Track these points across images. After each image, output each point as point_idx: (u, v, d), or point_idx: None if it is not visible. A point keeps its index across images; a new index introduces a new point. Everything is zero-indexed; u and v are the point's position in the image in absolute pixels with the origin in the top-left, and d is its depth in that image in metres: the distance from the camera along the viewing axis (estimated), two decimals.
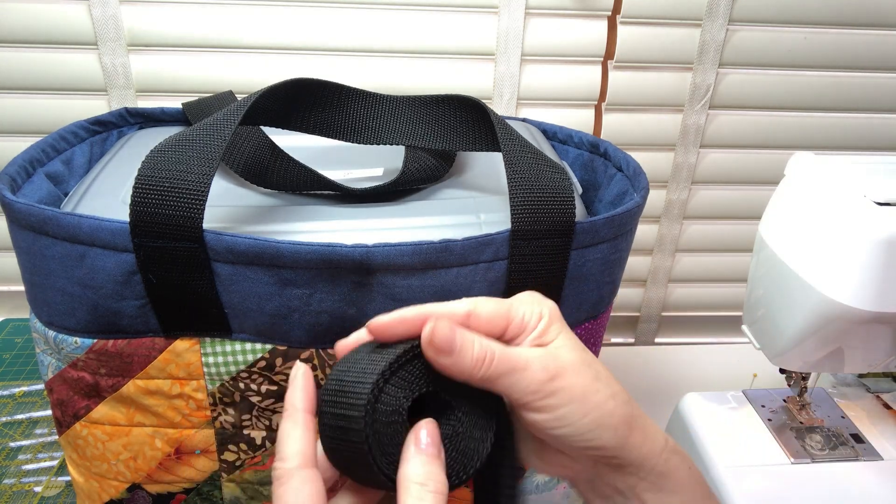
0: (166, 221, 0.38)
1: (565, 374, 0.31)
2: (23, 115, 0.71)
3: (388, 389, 0.30)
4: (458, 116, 0.50)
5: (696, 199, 0.80)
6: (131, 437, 0.46)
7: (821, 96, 0.76)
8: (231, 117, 0.42)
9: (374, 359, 0.31)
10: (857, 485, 0.53)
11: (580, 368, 0.32)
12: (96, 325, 0.42)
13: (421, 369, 0.31)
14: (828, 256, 0.46)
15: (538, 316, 0.33)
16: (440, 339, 0.30)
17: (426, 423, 0.30)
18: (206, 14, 0.67)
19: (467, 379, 0.30)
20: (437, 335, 0.30)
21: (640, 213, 0.47)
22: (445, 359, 0.30)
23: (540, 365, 0.31)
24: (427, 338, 0.30)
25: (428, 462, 0.29)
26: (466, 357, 0.30)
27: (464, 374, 0.30)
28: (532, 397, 0.30)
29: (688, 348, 0.86)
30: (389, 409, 0.30)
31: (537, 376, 0.31)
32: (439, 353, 0.30)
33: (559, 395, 0.31)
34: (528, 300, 0.34)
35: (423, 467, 0.29)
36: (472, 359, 0.30)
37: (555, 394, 0.31)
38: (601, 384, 0.32)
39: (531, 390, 0.30)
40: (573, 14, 0.70)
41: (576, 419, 0.31)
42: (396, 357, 0.30)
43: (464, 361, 0.30)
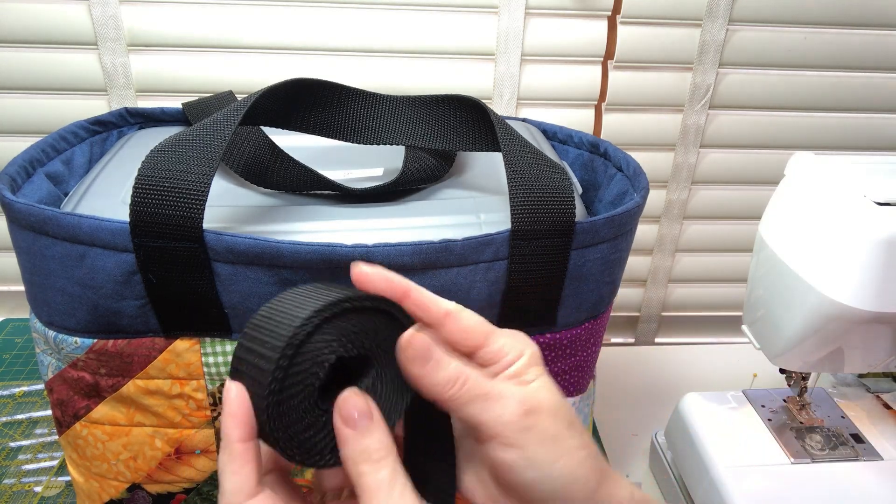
0: (166, 221, 0.38)
1: (541, 412, 0.30)
2: (23, 115, 0.71)
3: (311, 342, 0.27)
4: (458, 116, 0.50)
5: (696, 199, 0.80)
6: (131, 437, 0.46)
7: (821, 96, 0.76)
8: (231, 117, 0.42)
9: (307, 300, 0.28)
10: (857, 485, 0.53)
11: (557, 411, 0.30)
12: (96, 325, 0.42)
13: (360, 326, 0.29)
14: (828, 256, 0.46)
15: (518, 353, 0.31)
16: (418, 345, 0.29)
17: (348, 396, 0.28)
18: (206, 14, 0.67)
19: (434, 398, 0.29)
20: (416, 341, 0.29)
21: (640, 213, 0.47)
22: (417, 368, 0.29)
23: (516, 399, 0.29)
24: (405, 341, 0.29)
25: (363, 434, 0.27)
26: (439, 373, 0.29)
27: (433, 389, 0.29)
28: (504, 429, 0.29)
29: (688, 348, 0.86)
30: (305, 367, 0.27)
31: (512, 408, 0.29)
32: (412, 360, 0.29)
33: (532, 433, 0.29)
34: (512, 335, 0.32)
35: (361, 442, 0.27)
36: (444, 376, 0.29)
37: (528, 430, 0.29)
38: (575, 432, 0.30)
39: (503, 420, 0.29)
40: (573, 14, 0.70)
41: (546, 462, 0.29)
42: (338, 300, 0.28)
43: (435, 376, 0.29)
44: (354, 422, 0.28)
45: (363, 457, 0.27)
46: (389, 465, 0.27)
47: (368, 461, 0.27)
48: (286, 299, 0.29)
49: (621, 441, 0.68)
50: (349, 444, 0.28)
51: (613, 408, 0.72)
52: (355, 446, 0.27)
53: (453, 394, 0.29)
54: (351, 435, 0.27)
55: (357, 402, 0.28)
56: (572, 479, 0.30)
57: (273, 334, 0.27)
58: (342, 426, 0.28)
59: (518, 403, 0.29)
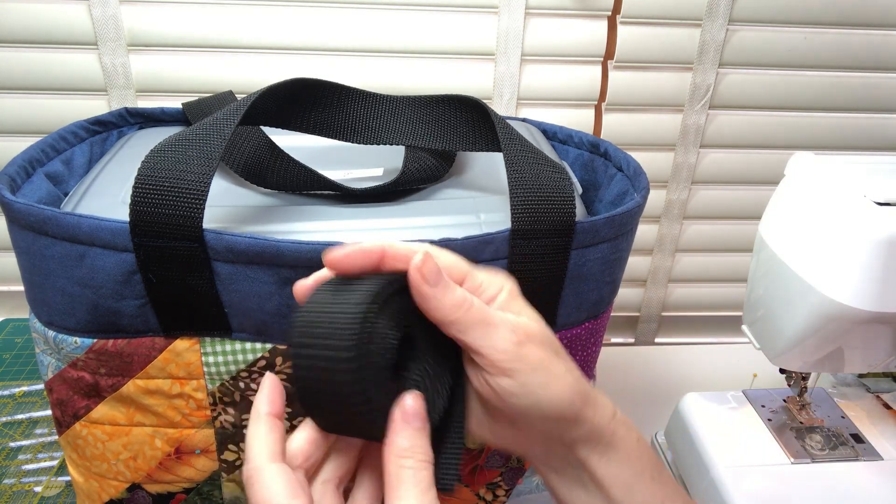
0: (166, 221, 0.38)
1: (532, 341, 0.32)
2: (23, 115, 0.71)
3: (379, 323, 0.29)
4: (459, 116, 0.50)
5: (696, 199, 0.80)
6: (131, 436, 0.46)
7: (821, 96, 0.76)
8: (231, 117, 0.42)
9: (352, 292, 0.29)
10: (857, 485, 0.53)
11: (544, 340, 0.32)
12: (96, 324, 0.42)
13: (404, 305, 0.30)
14: (828, 256, 0.46)
15: (498, 287, 0.33)
16: (430, 268, 0.30)
17: (412, 396, 0.30)
18: (206, 14, 0.67)
19: (441, 320, 0.31)
20: (427, 263, 0.30)
21: (641, 213, 0.47)
22: (430, 288, 0.30)
23: (510, 327, 0.31)
24: (417, 263, 0.30)
25: (416, 435, 0.29)
26: (448, 295, 0.30)
27: (441, 311, 0.30)
28: (501, 356, 0.31)
29: (688, 348, 0.86)
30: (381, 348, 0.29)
31: (508, 336, 0.31)
32: (425, 280, 0.30)
33: (525, 361, 0.31)
34: (489, 272, 0.34)
35: (412, 440, 0.29)
36: (452, 298, 0.30)
37: (522, 359, 0.31)
38: (561, 359, 0.33)
39: (500, 348, 0.31)
40: (573, 14, 0.70)
41: (538, 388, 0.31)
42: (382, 287, 0.29)
43: (445, 298, 0.30)
44: (412, 418, 0.29)
45: (410, 452, 0.29)
46: (430, 472, 0.29)
47: (414, 458, 0.29)
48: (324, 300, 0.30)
49: None
50: (403, 434, 0.29)
51: None
52: (408, 440, 0.29)
53: (460, 316, 0.30)
54: (406, 428, 0.29)
55: (419, 405, 0.30)
56: (560, 402, 0.32)
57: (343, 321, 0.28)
58: (399, 417, 0.29)
59: (512, 332, 0.31)
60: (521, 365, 0.31)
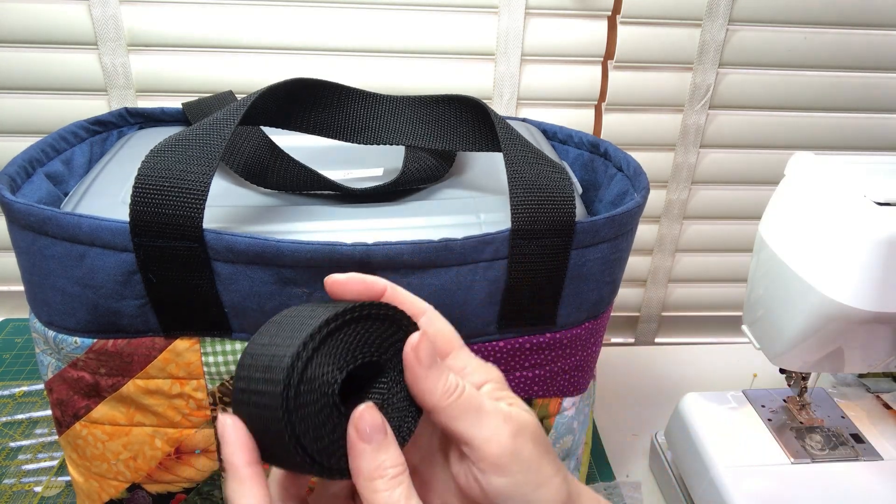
0: (166, 221, 0.38)
1: (525, 434, 0.29)
2: (23, 115, 0.71)
3: (317, 360, 0.27)
4: (459, 116, 0.50)
5: (696, 199, 0.80)
6: (131, 436, 0.46)
7: (821, 96, 0.76)
8: (231, 117, 0.42)
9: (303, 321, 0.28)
10: (857, 485, 0.53)
11: (536, 434, 0.30)
12: (96, 324, 0.42)
13: (363, 336, 0.28)
14: (828, 256, 0.46)
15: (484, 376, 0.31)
16: (425, 349, 0.28)
17: (364, 410, 0.28)
18: (206, 14, 0.67)
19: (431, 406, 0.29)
20: (423, 344, 0.28)
21: (641, 213, 0.47)
22: (423, 371, 0.28)
23: (502, 416, 0.29)
24: (414, 342, 0.29)
25: (378, 449, 0.27)
26: (441, 380, 0.29)
27: (432, 396, 0.29)
28: (494, 449, 0.28)
29: (688, 348, 0.86)
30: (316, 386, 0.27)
31: (501, 427, 0.29)
32: (419, 362, 0.28)
33: (519, 457, 0.29)
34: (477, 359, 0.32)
35: (375, 458, 0.27)
36: (445, 383, 0.29)
37: (516, 454, 0.29)
38: (551, 457, 0.30)
39: (494, 440, 0.28)
40: (573, 14, 0.70)
41: (530, 490, 0.29)
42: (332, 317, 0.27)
43: (437, 382, 0.29)
44: (369, 436, 0.27)
45: (378, 472, 0.27)
46: (405, 483, 0.27)
47: (383, 478, 0.27)
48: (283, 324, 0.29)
49: (621, 441, 0.68)
50: (364, 457, 0.27)
51: (613, 408, 0.72)
52: (371, 461, 0.27)
53: (451, 402, 0.29)
54: (366, 449, 0.27)
55: (373, 417, 0.28)
56: None
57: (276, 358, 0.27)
58: (357, 440, 0.27)
59: (505, 423, 0.29)
60: (514, 461, 0.29)
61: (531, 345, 0.46)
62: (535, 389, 0.48)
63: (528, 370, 0.47)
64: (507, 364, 0.46)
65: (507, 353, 0.46)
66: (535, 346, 0.46)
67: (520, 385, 0.47)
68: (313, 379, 0.27)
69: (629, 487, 0.61)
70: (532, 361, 0.47)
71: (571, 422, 0.51)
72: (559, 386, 0.49)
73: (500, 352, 0.46)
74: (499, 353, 0.46)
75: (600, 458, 0.66)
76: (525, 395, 0.48)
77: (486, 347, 0.45)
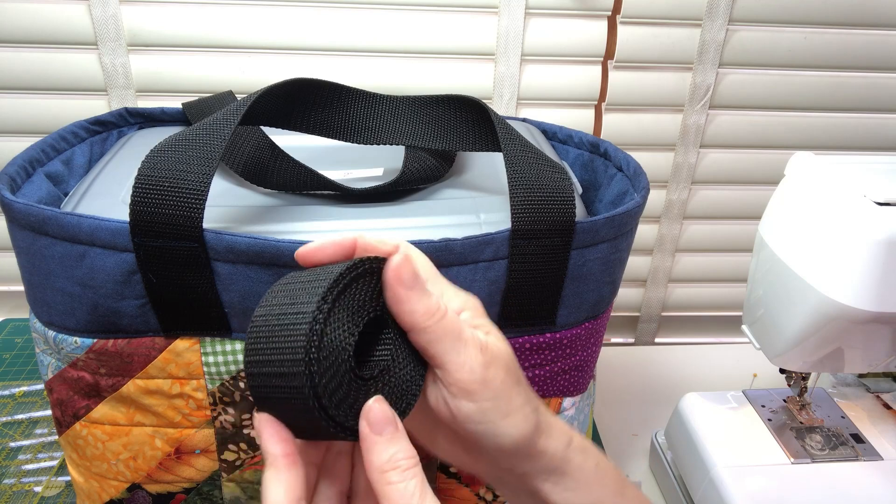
0: (166, 221, 0.38)
1: (498, 364, 0.30)
2: (23, 115, 0.71)
3: (332, 322, 0.27)
4: (459, 116, 0.50)
5: (696, 199, 0.80)
6: (131, 436, 0.46)
7: (821, 96, 0.76)
8: (231, 117, 0.42)
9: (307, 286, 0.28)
10: (857, 485, 0.53)
11: (509, 365, 0.31)
12: (96, 324, 0.42)
13: (365, 292, 0.29)
14: (828, 256, 0.46)
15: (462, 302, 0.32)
16: (407, 269, 0.29)
17: (374, 403, 0.28)
18: (206, 14, 0.67)
19: (411, 325, 0.29)
20: (405, 264, 0.29)
21: (641, 213, 0.47)
22: (404, 290, 0.29)
23: (479, 345, 0.30)
24: (395, 265, 0.29)
25: (390, 441, 0.27)
26: (423, 300, 0.29)
27: (413, 316, 0.29)
28: (466, 375, 0.29)
29: (688, 348, 0.86)
30: (334, 348, 0.27)
31: (476, 355, 0.29)
32: (401, 282, 0.28)
33: (489, 385, 0.30)
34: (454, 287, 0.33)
35: (387, 451, 0.27)
36: (427, 304, 0.29)
37: (486, 382, 0.30)
38: (522, 388, 0.31)
39: (467, 367, 0.29)
40: (573, 14, 0.70)
41: (497, 416, 0.30)
42: (338, 276, 0.27)
43: (419, 303, 0.29)
44: (381, 428, 0.27)
45: (390, 464, 0.27)
46: (418, 476, 0.27)
47: (397, 470, 0.27)
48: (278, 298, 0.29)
49: (621, 441, 0.68)
50: (377, 449, 0.27)
51: (613, 408, 0.72)
52: (383, 453, 0.27)
53: (431, 324, 0.29)
54: (379, 441, 0.27)
55: (383, 410, 0.28)
56: (516, 434, 0.31)
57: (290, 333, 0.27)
58: (369, 432, 0.28)
59: (480, 352, 0.30)
60: (484, 389, 0.29)
61: (531, 345, 0.46)
62: (535, 389, 0.48)
63: (528, 370, 0.47)
64: None
65: None
66: (535, 346, 0.46)
67: None
68: (331, 344, 0.27)
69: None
70: (532, 361, 0.47)
71: (571, 422, 0.51)
72: (559, 386, 0.49)
73: None
74: None
75: None
76: None
77: None
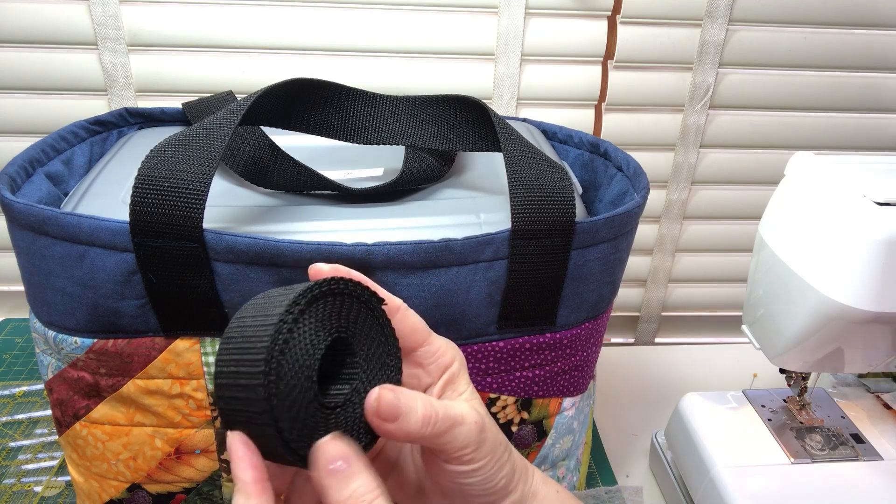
0: (166, 221, 0.38)
1: (485, 426, 0.32)
2: (23, 115, 0.71)
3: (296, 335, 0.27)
4: (459, 116, 0.50)
5: (696, 199, 0.80)
6: (131, 436, 0.46)
7: (821, 96, 0.76)
8: (231, 117, 0.42)
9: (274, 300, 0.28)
10: (857, 485, 0.53)
11: (490, 422, 0.33)
12: (96, 324, 0.42)
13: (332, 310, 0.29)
14: (828, 256, 0.46)
15: (451, 357, 0.34)
16: (386, 407, 0.29)
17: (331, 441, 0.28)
18: (206, 14, 0.67)
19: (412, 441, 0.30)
20: (383, 403, 0.29)
21: (641, 213, 0.47)
22: (391, 426, 0.29)
23: (472, 418, 0.31)
24: (372, 407, 0.29)
25: (348, 479, 0.27)
26: (412, 420, 0.29)
27: (410, 436, 0.29)
28: (466, 451, 0.31)
29: (688, 348, 0.86)
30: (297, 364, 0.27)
31: (472, 430, 0.31)
32: (385, 422, 0.29)
33: (483, 448, 0.31)
34: (444, 339, 0.35)
35: (348, 486, 0.27)
36: (417, 421, 0.29)
37: (480, 447, 0.31)
38: (502, 440, 0.33)
39: (465, 443, 0.31)
40: (573, 14, 0.70)
41: (492, 472, 0.32)
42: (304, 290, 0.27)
43: (410, 425, 0.29)
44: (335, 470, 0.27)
45: (352, 501, 0.27)
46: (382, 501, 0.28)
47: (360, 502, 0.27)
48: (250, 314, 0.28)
49: (621, 441, 0.68)
50: (335, 488, 0.27)
51: (613, 408, 0.72)
52: (342, 490, 0.27)
53: (430, 432, 0.30)
54: (334, 483, 0.27)
55: (334, 450, 0.28)
56: (505, 483, 0.33)
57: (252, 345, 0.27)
58: (325, 476, 0.27)
59: (475, 423, 0.31)
60: (480, 453, 0.31)
61: (531, 345, 0.46)
62: (535, 389, 0.48)
63: (528, 370, 0.47)
64: (507, 364, 0.46)
65: (507, 354, 0.46)
66: (535, 347, 0.46)
67: (520, 385, 0.47)
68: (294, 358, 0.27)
69: (631, 492, 0.61)
70: (532, 361, 0.47)
71: (571, 422, 0.51)
72: (559, 386, 0.49)
73: (500, 352, 0.46)
74: (499, 354, 0.46)
75: (600, 458, 0.66)
76: (525, 395, 0.48)
77: (486, 347, 0.45)
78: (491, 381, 0.47)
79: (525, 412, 0.48)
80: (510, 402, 0.48)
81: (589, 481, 0.64)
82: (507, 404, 0.48)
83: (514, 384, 0.47)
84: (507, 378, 0.47)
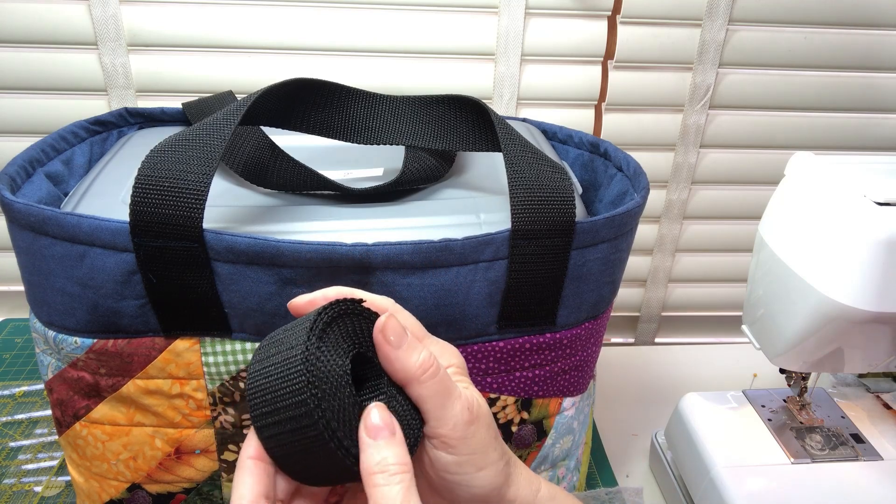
0: (166, 221, 0.38)
1: (480, 422, 0.32)
2: (23, 115, 0.71)
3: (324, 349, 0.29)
4: (459, 116, 0.50)
5: (696, 199, 0.80)
6: (131, 436, 0.46)
7: (821, 96, 0.76)
8: (231, 117, 0.42)
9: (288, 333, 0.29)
10: (857, 485, 0.53)
11: (489, 422, 0.33)
12: (96, 324, 0.42)
13: (348, 329, 0.30)
14: (828, 256, 0.46)
15: (448, 361, 0.34)
16: (393, 328, 0.30)
17: (374, 406, 0.29)
18: (206, 14, 0.67)
19: (405, 378, 0.30)
20: (390, 324, 0.30)
21: (641, 213, 0.47)
22: (393, 348, 0.30)
23: (466, 403, 0.31)
24: (380, 325, 0.30)
25: (384, 445, 0.28)
26: (412, 356, 0.30)
27: (406, 372, 0.30)
28: (450, 432, 0.31)
29: (688, 348, 0.86)
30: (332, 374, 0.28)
31: (462, 413, 0.31)
32: (388, 342, 0.30)
33: (470, 442, 0.31)
34: (441, 343, 0.35)
35: (380, 452, 0.28)
36: (417, 360, 0.30)
37: (467, 438, 0.31)
38: (498, 443, 0.33)
39: (452, 424, 0.31)
40: (573, 14, 0.70)
41: (472, 469, 0.32)
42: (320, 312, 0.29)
43: (409, 359, 0.30)
44: (377, 431, 0.29)
45: (379, 467, 0.28)
46: (405, 483, 0.28)
47: (383, 473, 0.28)
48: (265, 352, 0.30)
49: (621, 441, 0.68)
50: (367, 451, 0.28)
51: (613, 408, 0.72)
52: (374, 455, 0.28)
53: (426, 378, 0.30)
54: (371, 444, 0.28)
55: (382, 415, 0.29)
56: (488, 485, 0.32)
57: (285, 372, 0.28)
58: (364, 435, 0.29)
59: (467, 409, 0.31)
60: (464, 444, 0.31)
61: (531, 345, 0.46)
62: (535, 389, 0.48)
63: (528, 370, 0.47)
64: (507, 364, 0.46)
65: (507, 354, 0.46)
66: (535, 347, 0.46)
67: (520, 385, 0.47)
68: (328, 370, 0.28)
69: (631, 493, 0.61)
70: (532, 361, 0.47)
71: (571, 422, 0.51)
72: (559, 386, 0.49)
73: (500, 352, 0.46)
74: (499, 354, 0.46)
75: (600, 458, 0.66)
76: (525, 395, 0.48)
77: (486, 348, 0.45)
78: (491, 381, 0.47)
79: (525, 412, 0.48)
80: (510, 402, 0.48)
81: (589, 481, 0.64)
82: (507, 404, 0.48)
83: (514, 384, 0.47)
84: (507, 378, 0.47)
